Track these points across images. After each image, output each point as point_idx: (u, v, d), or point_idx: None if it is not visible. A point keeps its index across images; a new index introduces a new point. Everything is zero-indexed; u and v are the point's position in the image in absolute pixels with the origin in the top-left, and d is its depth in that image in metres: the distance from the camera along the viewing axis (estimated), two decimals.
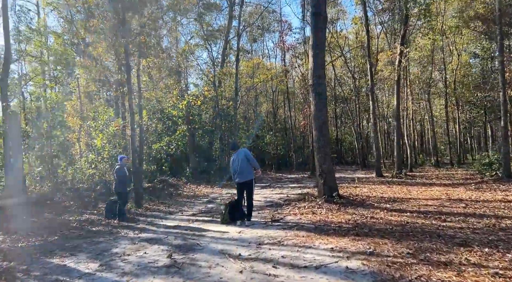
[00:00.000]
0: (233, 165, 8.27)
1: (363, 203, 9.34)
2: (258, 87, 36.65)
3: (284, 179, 22.41)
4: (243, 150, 8.33)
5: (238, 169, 8.12)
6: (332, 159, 9.72)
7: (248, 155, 8.27)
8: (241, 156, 8.14)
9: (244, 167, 8.11)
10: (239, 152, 8.28)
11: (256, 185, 19.17)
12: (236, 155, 8.30)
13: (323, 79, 9.64)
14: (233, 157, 8.36)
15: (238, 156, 8.20)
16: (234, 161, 8.28)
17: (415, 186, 14.10)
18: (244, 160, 8.13)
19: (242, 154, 8.20)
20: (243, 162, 8.11)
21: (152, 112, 21.80)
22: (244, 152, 8.26)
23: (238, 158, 8.15)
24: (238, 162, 8.12)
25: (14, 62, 17.86)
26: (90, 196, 14.53)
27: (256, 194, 13.61)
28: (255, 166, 8.30)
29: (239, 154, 8.22)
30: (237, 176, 8.15)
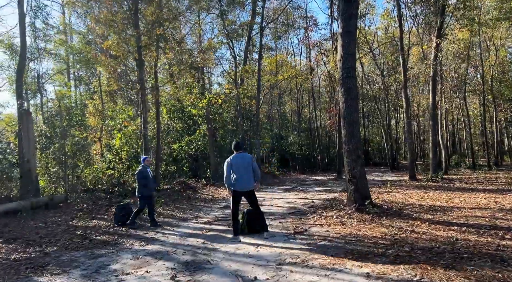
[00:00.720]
0: (235, 169, 7.00)
1: (399, 213, 8.18)
2: (282, 86, 35.61)
3: (309, 181, 21.29)
4: (249, 156, 7.29)
5: (242, 175, 7.01)
6: (364, 162, 8.61)
7: (255, 162, 7.27)
8: (248, 161, 7.09)
9: (249, 174, 7.06)
10: (244, 155, 7.20)
11: (279, 188, 18.32)
12: (240, 158, 7.08)
13: (353, 72, 8.55)
14: (234, 159, 7.06)
15: (243, 160, 7.08)
16: (237, 164, 7.01)
17: (455, 191, 12.72)
18: (250, 167, 7.08)
19: (249, 159, 7.14)
20: (248, 169, 7.06)
21: (172, 111, 21.20)
22: (251, 158, 7.22)
23: (244, 162, 7.05)
24: (244, 167, 7.03)
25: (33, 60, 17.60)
26: (105, 198, 13.97)
27: (279, 199, 12.64)
28: (258, 178, 7.24)
29: (245, 158, 7.12)
30: (239, 183, 7.00)
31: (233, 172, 7.03)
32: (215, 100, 18.53)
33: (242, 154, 7.20)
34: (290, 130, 36.38)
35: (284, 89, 35.91)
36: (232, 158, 7.14)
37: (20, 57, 13.83)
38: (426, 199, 10.79)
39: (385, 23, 34.69)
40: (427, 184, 15.38)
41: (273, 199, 12.90)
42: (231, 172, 7.05)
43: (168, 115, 20.95)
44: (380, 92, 34.32)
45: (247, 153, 7.44)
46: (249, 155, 7.29)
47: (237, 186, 7.03)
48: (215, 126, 20.30)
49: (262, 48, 23.46)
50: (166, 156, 20.80)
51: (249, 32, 22.49)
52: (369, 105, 38.39)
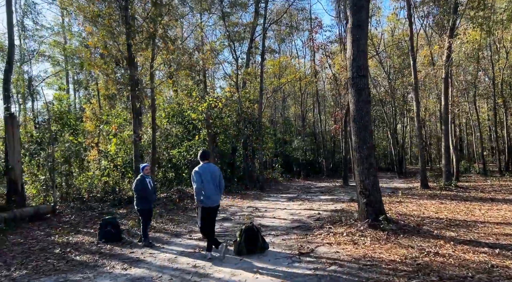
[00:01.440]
0: (204, 181, 6.21)
1: (418, 229, 7.24)
2: (286, 90, 34.77)
3: (314, 188, 20.36)
4: (217, 167, 6.49)
5: (211, 189, 6.23)
6: (377, 172, 7.70)
7: (221, 174, 6.49)
8: (217, 173, 6.36)
9: (216, 186, 6.32)
10: (213, 166, 6.42)
11: (282, 196, 17.33)
12: (207, 169, 6.30)
13: (365, 71, 7.66)
14: (201, 170, 6.28)
15: (212, 172, 6.32)
16: (204, 175, 6.23)
17: (473, 202, 11.74)
18: (215, 178, 6.33)
19: (217, 170, 6.38)
20: (215, 180, 6.32)
21: (171, 115, 20.38)
22: (218, 169, 6.44)
23: (212, 175, 6.30)
24: (212, 180, 6.27)
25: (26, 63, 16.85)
26: (97, 208, 13.11)
27: (282, 210, 11.71)
28: (222, 190, 6.51)
29: (214, 170, 6.36)
30: (208, 198, 6.21)
31: (204, 185, 6.25)
32: (215, 104, 17.67)
33: (209, 165, 6.42)
34: (294, 135, 35.48)
35: (288, 93, 35.06)
36: (199, 168, 6.36)
37: (7, 58, 13.08)
38: (443, 211, 9.82)
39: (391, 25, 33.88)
40: (441, 192, 14.40)
41: (276, 209, 11.98)
42: (201, 182, 6.27)
43: (167, 120, 20.13)
44: (386, 96, 33.40)
45: (214, 165, 6.59)
46: (217, 167, 6.52)
47: (206, 202, 6.25)
48: (215, 131, 19.44)
49: (265, 51, 22.62)
50: (165, 162, 19.96)
51: (252, 34, 21.69)
52: (375, 109, 37.46)
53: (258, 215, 10.77)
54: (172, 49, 10.35)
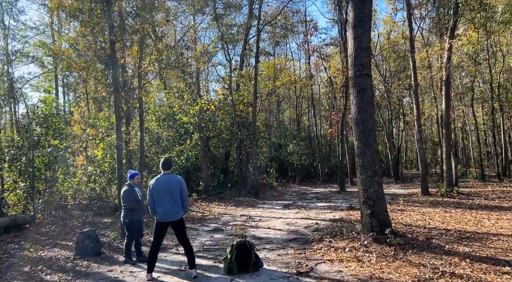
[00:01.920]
0: (156, 194, 5.63)
1: (428, 244, 6.57)
2: (281, 93, 34.17)
3: (310, 194, 19.69)
4: (179, 178, 5.78)
5: (165, 202, 5.58)
6: (381, 179, 7.04)
7: (184, 187, 5.77)
8: (175, 186, 5.65)
9: (175, 199, 5.61)
10: (171, 177, 5.72)
11: (277, 202, 16.62)
12: (164, 180, 5.65)
13: (368, 69, 7.02)
14: (157, 183, 5.66)
15: (169, 184, 5.61)
16: (158, 188, 5.62)
17: (479, 210, 11.13)
18: (177, 192, 5.64)
19: (176, 183, 5.66)
20: (175, 195, 5.59)
21: (162, 119, 19.65)
22: (180, 181, 5.73)
23: (169, 187, 5.58)
24: (168, 193, 5.60)
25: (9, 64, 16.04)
26: (80, 217, 12.33)
27: (277, 219, 11.01)
28: (185, 205, 5.76)
29: (173, 182, 5.65)
30: (162, 212, 5.57)
31: (158, 198, 5.64)
32: (207, 107, 16.97)
33: (169, 176, 5.73)
34: (289, 139, 34.89)
35: (283, 96, 34.47)
36: (155, 180, 5.73)
37: None
38: (450, 221, 9.18)
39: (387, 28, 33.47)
40: (443, 199, 13.80)
41: (271, 218, 11.27)
42: (152, 198, 5.68)
43: (157, 123, 19.38)
44: (382, 100, 32.95)
45: (175, 175, 5.88)
46: (178, 178, 5.79)
47: (161, 215, 5.60)
48: (208, 135, 18.73)
49: (260, 53, 21.98)
50: (155, 167, 19.19)
51: (246, 35, 21.08)
52: None
53: (252, 225, 10.06)
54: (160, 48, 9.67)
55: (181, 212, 5.69)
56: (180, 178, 5.85)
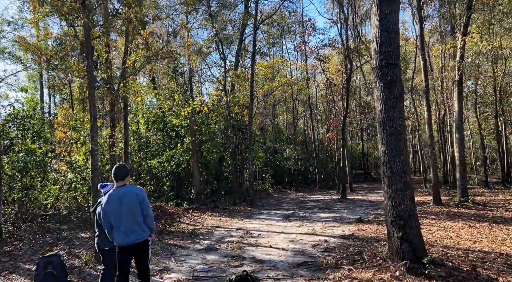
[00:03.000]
0: (115, 215, 4.36)
1: (475, 275, 5.27)
2: (276, 96, 32.93)
3: (309, 203, 18.38)
4: (137, 189, 4.52)
5: (124, 220, 4.33)
6: (413, 193, 5.75)
7: (145, 200, 4.48)
8: (132, 199, 4.38)
9: (135, 218, 4.36)
10: (128, 190, 4.45)
11: (276, 212, 15.20)
12: (120, 195, 4.39)
13: (396, 58, 5.75)
14: (110, 199, 4.40)
15: (127, 199, 4.36)
16: (113, 206, 4.36)
17: (506, 224, 9.90)
18: (136, 206, 4.38)
19: (134, 196, 4.40)
20: (135, 212, 4.36)
21: (151, 121, 18.25)
22: (138, 193, 4.44)
23: (128, 203, 4.34)
24: (128, 211, 4.33)
25: None
26: (56, 231, 10.87)
27: (278, 234, 9.67)
28: (150, 225, 4.50)
29: (130, 196, 4.39)
30: (121, 234, 4.33)
31: (112, 217, 4.36)
32: (200, 108, 15.64)
33: (125, 189, 4.43)
34: (285, 143, 33.60)
35: (279, 99, 33.20)
36: (107, 197, 4.42)
37: None
38: (482, 240, 7.92)
39: None
40: (459, 210, 12.56)
41: (271, 233, 9.93)
42: (108, 221, 4.42)
43: (146, 126, 17.99)
44: None
45: (133, 186, 4.58)
46: (136, 189, 4.48)
47: (119, 239, 4.32)
48: (201, 139, 17.36)
49: (256, 53, 20.70)
50: (144, 174, 17.75)
51: (241, 34, 19.82)
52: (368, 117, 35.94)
53: (251, 243, 8.71)
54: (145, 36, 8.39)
55: (146, 233, 4.38)
56: (139, 188, 4.52)
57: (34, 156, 12.74)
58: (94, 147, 7.04)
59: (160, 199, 16.72)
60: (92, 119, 7.04)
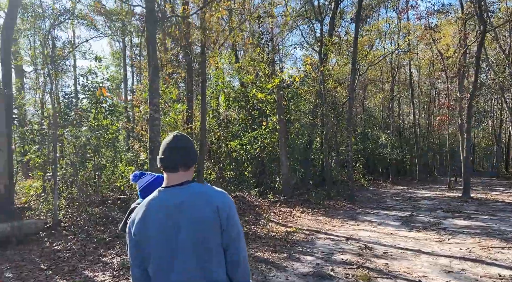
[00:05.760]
0: (155, 242, 1.70)
1: None
2: (370, 75, 28.77)
3: (421, 200, 14.70)
4: (217, 195, 1.76)
5: (180, 261, 1.67)
6: None
7: (232, 221, 1.73)
8: (203, 216, 1.68)
9: (206, 260, 1.69)
10: (193, 192, 1.76)
11: (386, 214, 11.29)
12: (168, 202, 1.74)
13: None
14: (149, 208, 1.75)
15: (186, 211, 1.70)
16: (154, 222, 1.71)
17: None
18: (211, 234, 1.70)
19: (206, 207, 1.70)
20: (204, 242, 1.68)
21: (232, 98, 15.86)
22: (220, 205, 1.71)
23: (187, 219, 1.69)
24: (185, 235, 1.68)
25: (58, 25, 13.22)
26: (120, 222, 8.94)
27: (415, 253, 6.49)
28: (238, 273, 1.73)
29: (196, 206, 1.71)
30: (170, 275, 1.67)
31: (143, 254, 1.75)
32: (289, 80, 12.77)
33: (185, 191, 1.78)
34: (377, 128, 29.46)
35: (372, 79, 29.05)
36: (142, 211, 1.77)
37: (8, 9, 9.39)
38: None
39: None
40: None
41: (402, 251, 6.77)
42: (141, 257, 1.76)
43: (227, 103, 15.64)
44: None
45: (211, 187, 1.81)
46: (217, 196, 1.76)
47: None
48: (288, 118, 14.55)
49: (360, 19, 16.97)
50: (223, 157, 15.48)
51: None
52: (479, 100, 30.14)
53: (381, 270, 5.68)
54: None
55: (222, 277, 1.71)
56: (220, 194, 1.80)
57: (100, 132, 10.99)
58: (153, 114, 4.61)
59: (240, 186, 14.35)
60: (151, 71, 4.58)
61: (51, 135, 9.88)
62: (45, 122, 10.92)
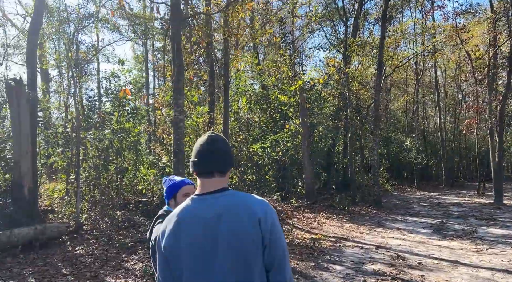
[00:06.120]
0: (189, 258, 1.46)
1: None
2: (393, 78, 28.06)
3: (450, 207, 14.10)
4: (259, 205, 1.50)
5: (217, 271, 1.44)
6: None
7: (276, 235, 1.47)
8: (244, 229, 1.43)
9: (247, 267, 1.42)
10: (232, 200, 1.49)
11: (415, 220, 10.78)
12: (205, 212, 1.49)
13: None
14: (181, 219, 1.50)
15: (224, 223, 1.45)
16: (188, 235, 1.47)
17: None
18: (253, 250, 1.43)
19: (247, 219, 1.44)
20: (245, 259, 1.42)
21: (253, 100, 15.66)
22: (263, 216, 1.46)
23: (227, 232, 1.44)
24: (223, 248, 1.43)
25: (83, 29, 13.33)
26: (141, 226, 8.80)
27: (453, 265, 6.04)
28: None
29: (236, 217, 1.45)
30: None
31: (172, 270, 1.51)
32: (313, 82, 12.47)
33: (222, 200, 1.52)
34: (400, 132, 28.71)
35: (395, 81, 28.35)
36: (174, 222, 1.52)
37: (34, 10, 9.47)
38: None
39: None
40: None
41: (438, 262, 6.36)
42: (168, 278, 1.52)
43: (248, 106, 15.46)
44: None
45: (251, 195, 1.54)
46: (259, 205, 1.49)
47: None
48: (311, 121, 14.24)
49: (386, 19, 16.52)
50: (244, 161, 15.29)
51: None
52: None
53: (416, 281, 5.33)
54: None
55: None
56: (260, 202, 1.52)
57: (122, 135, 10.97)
58: (177, 115, 4.41)
59: (261, 190, 14.10)
60: (175, 70, 4.39)
61: (74, 138, 9.90)
62: (68, 125, 10.99)
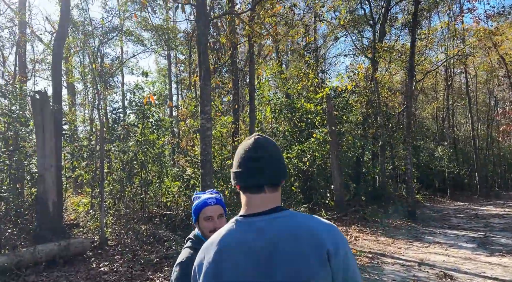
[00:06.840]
0: None
1: None
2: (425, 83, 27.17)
3: (491, 218, 13.21)
4: (327, 229, 1.11)
5: None
6: None
7: (351, 261, 1.11)
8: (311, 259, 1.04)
9: None
10: (292, 223, 1.12)
11: (456, 234, 9.96)
12: (259, 241, 1.11)
13: None
14: (228, 247, 1.15)
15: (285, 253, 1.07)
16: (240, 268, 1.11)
17: None
18: None
19: (315, 248, 1.06)
20: None
21: (278, 110, 15.28)
22: (333, 246, 1.07)
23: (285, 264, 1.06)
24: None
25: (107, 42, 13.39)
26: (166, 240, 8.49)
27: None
28: None
29: (300, 245, 1.07)
30: None
31: None
32: (341, 89, 12.01)
33: (281, 223, 1.14)
34: (430, 140, 27.65)
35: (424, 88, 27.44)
36: (214, 251, 1.17)
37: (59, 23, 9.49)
38: None
39: None
40: None
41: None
42: None
43: (273, 115, 15.10)
44: None
45: (316, 217, 1.10)
46: (327, 230, 1.11)
47: None
48: (339, 130, 13.73)
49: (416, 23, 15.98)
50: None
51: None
52: None
53: None
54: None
55: None
56: (333, 231, 1.14)
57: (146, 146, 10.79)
58: (204, 123, 4.08)
59: (287, 202, 13.61)
60: (202, 74, 4.07)
61: (98, 151, 9.77)
62: (93, 137, 10.90)
